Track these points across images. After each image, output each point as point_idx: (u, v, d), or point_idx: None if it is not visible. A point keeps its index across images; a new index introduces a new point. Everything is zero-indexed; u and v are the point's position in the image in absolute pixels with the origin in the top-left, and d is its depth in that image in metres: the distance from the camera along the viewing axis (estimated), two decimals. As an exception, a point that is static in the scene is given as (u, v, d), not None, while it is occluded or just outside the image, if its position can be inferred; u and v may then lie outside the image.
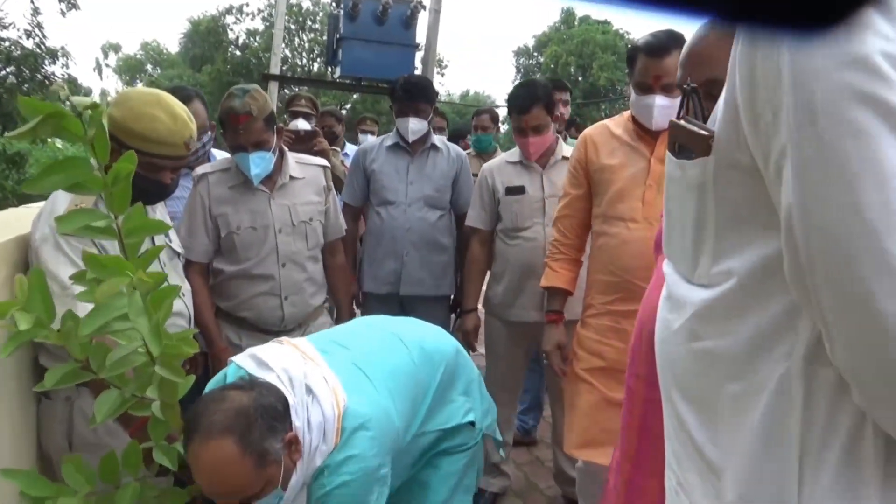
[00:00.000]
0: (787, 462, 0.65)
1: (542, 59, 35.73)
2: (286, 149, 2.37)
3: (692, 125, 0.73)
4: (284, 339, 1.61)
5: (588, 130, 2.14)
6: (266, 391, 1.33)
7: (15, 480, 1.17)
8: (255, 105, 2.11)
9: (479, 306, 2.80)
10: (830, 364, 0.61)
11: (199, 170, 2.30)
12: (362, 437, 1.39)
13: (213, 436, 1.22)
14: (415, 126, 2.81)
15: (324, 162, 2.46)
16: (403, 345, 1.65)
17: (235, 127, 2.12)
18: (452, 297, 2.99)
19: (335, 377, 1.46)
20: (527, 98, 2.47)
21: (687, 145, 0.72)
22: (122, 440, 1.54)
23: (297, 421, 1.34)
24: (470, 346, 2.80)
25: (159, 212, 1.91)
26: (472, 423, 1.72)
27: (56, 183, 1.12)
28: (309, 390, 1.40)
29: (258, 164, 2.15)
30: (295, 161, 2.34)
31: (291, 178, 2.30)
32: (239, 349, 2.03)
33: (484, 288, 2.78)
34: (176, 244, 1.98)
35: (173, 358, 1.23)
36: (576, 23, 34.95)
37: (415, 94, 2.84)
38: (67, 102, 1.12)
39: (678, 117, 0.81)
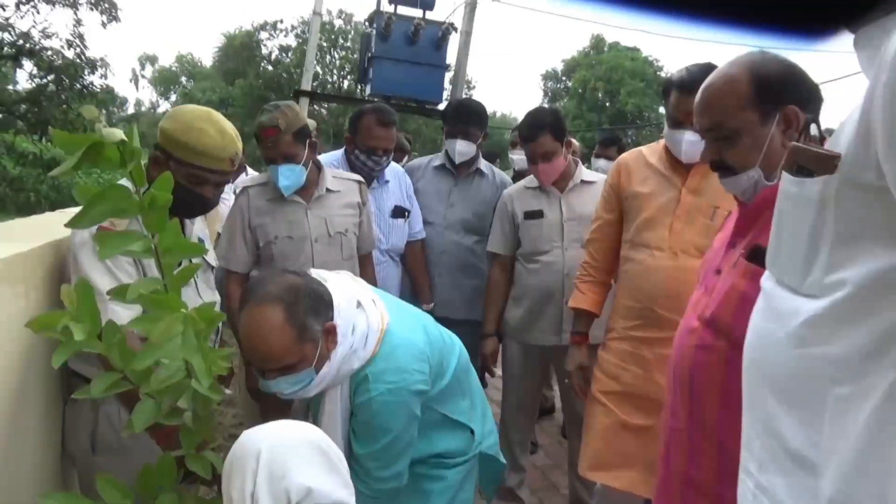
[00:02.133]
0: (893, 462, 0.68)
1: (570, 84, 35.82)
2: (322, 163, 2.44)
3: (816, 148, 0.77)
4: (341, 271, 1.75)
5: (624, 156, 2.16)
6: (317, 284, 1.50)
7: (51, 503, 1.20)
8: (284, 119, 2.20)
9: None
10: None
11: (240, 183, 2.43)
12: (403, 352, 1.54)
13: (264, 302, 1.39)
14: (462, 148, 2.85)
15: (359, 178, 2.52)
16: (432, 322, 1.78)
17: (265, 140, 2.23)
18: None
19: (382, 303, 1.62)
20: (533, 126, 2.52)
21: (809, 165, 0.77)
22: (143, 445, 1.56)
23: (340, 320, 1.48)
24: (488, 371, 2.80)
25: (197, 225, 1.95)
26: (471, 432, 1.76)
27: (100, 215, 1.14)
28: (358, 303, 1.56)
29: (287, 176, 2.23)
30: (332, 175, 2.42)
31: (328, 190, 2.37)
32: None
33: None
34: (211, 257, 2.02)
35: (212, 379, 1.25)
36: (605, 48, 35.03)
37: (465, 117, 2.90)
38: (98, 125, 1.14)
39: (798, 141, 0.86)
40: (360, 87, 9.55)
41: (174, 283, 1.23)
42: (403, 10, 7.46)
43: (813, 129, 1.16)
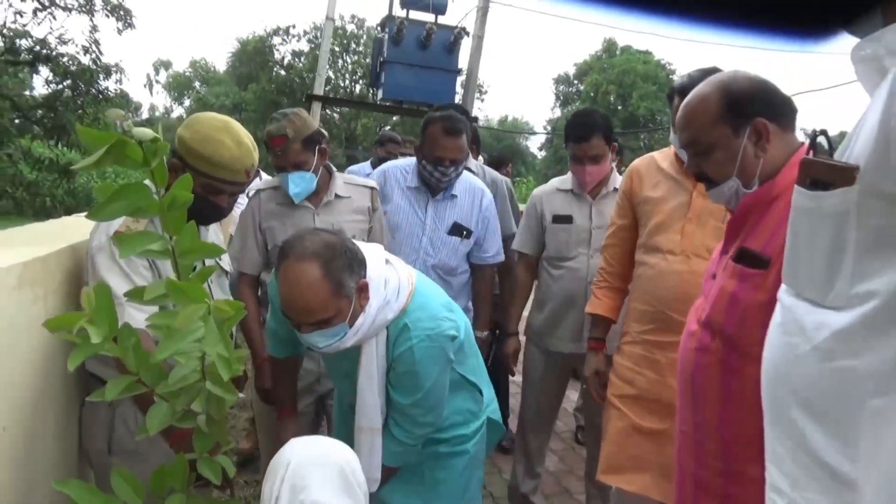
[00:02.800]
0: None
1: (581, 88, 35.76)
2: (334, 169, 2.45)
3: (831, 161, 0.78)
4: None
5: (636, 162, 2.17)
6: (351, 243, 1.57)
7: (68, 491, 1.22)
8: (292, 127, 2.21)
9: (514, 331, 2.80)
10: None
11: (254, 186, 2.42)
12: (433, 302, 1.66)
13: (303, 257, 1.46)
14: None
15: (372, 184, 2.53)
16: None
17: (273, 148, 2.24)
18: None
19: (410, 268, 1.73)
20: (585, 127, 2.47)
21: (825, 178, 0.77)
22: (159, 448, 1.59)
23: (373, 274, 1.57)
24: (508, 370, 2.80)
25: (212, 230, 1.97)
26: (480, 392, 1.86)
27: (119, 210, 1.16)
28: (387, 261, 1.67)
29: (297, 183, 2.25)
30: (343, 181, 2.43)
31: (337, 196, 2.37)
32: None
33: (525, 313, 2.79)
34: (225, 263, 2.04)
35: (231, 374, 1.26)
36: (617, 52, 34.94)
37: None
38: (123, 127, 1.16)
39: (808, 155, 0.87)
40: (371, 91, 9.58)
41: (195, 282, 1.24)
42: (415, 15, 7.47)
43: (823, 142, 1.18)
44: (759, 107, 1.25)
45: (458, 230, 2.58)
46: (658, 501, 1.88)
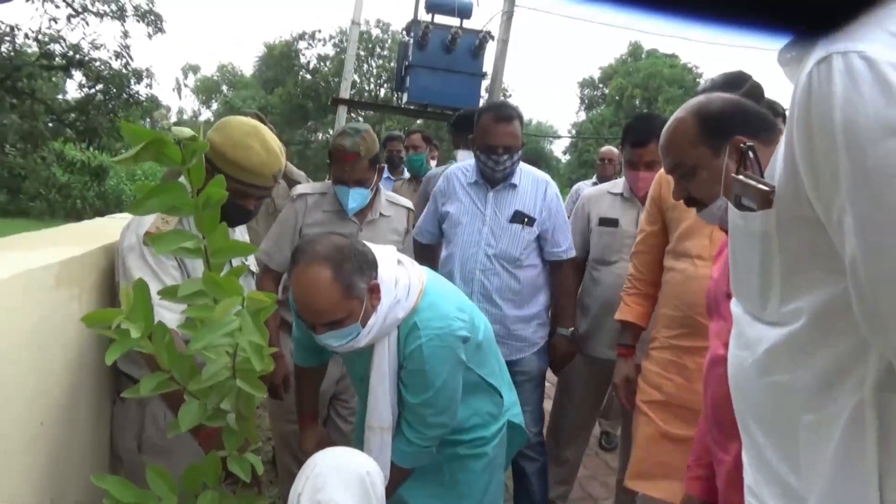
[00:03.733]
0: (867, 485, 0.69)
1: (606, 91, 35.55)
2: (381, 186, 2.48)
3: (752, 180, 0.79)
4: None
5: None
6: (361, 245, 1.62)
7: (105, 486, 1.24)
8: (364, 146, 2.26)
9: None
10: None
11: (299, 189, 2.46)
12: (443, 302, 1.68)
13: (314, 261, 1.50)
14: (465, 157, 2.99)
15: (409, 204, 2.56)
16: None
17: (343, 164, 2.28)
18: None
19: (421, 269, 1.76)
20: (645, 132, 2.44)
21: (747, 200, 0.79)
22: (187, 446, 1.61)
23: (384, 274, 1.61)
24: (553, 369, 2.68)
25: (238, 232, 2.00)
26: (500, 395, 1.86)
27: (155, 206, 1.20)
28: (398, 261, 1.71)
29: (356, 199, 2.30)
30: (386, 199, 2.46)
31: (381, 215, 2.41)
32: None
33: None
34: (251, 264, 2.07)
35: (252, 373, 1.29)
36: (643, 55, 34.70)
37: (467, 128, 2.94)
38: (164, 128, 1.19)
39: (737, 173, 0.88)
40: (396, 95, 9.63)
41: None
42: (441, 19, 7.50)
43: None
44: (735, 125, 1.25)
45: (519, 217, 2.50)
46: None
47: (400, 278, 1.64)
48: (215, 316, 1.16)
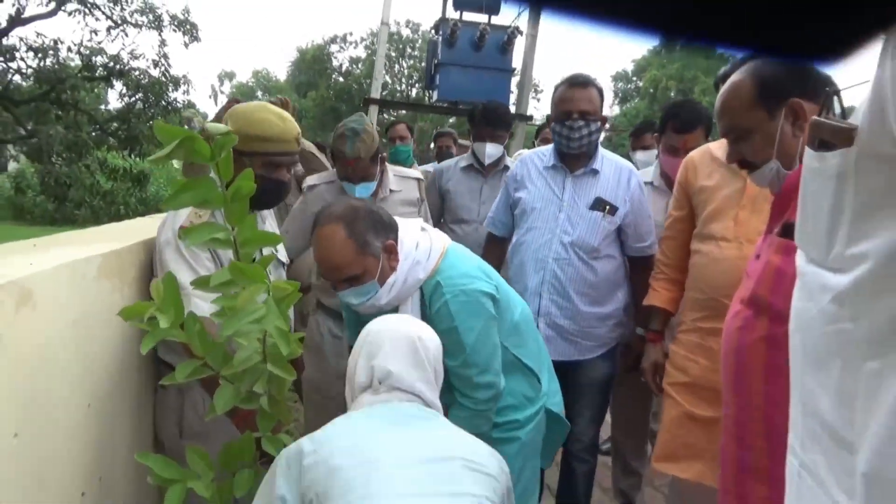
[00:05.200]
0: None
1: (640, 84, 35.07)
2: (387, 165, 2.55)
3: (834, 120, 0.79)
4: None
5: (691, 154, 2.16)
6: (378, 209, 1.73)
7: (148, 463, 1.32)
8: (364, 148, 2.34)
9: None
10: None
11: (310, 180, 2.55)
12: (464, 262, 1.75)
13: (329, 221, 1.64)
14: (491, 150, 3.02)
15: (419, 175, 2.63)
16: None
17: (345, 165, 2.38)
18: None
19: (444, 236, 1.83)
20: (690, 118, 2.42)
21: (829, 139, 0.78)
22: (226, 429, 1.68)
23: (406, 238, 1.71)
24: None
25: (269, 223, 2.07)
26: (538, 380, 1.86)
27: (187, 200, 1.27)
28: (422, 228, 1.80)
29: (362, 193, 2.39)
30: (394, 174, 2.54)
31: (391, 191, 2.49)
32: (339, 340, 2.44)
33: None
34: (282, 254, 2.14)
35: (281, 357, 1.34)
36: (677, 46, 34.10)
37: (493, 121, 3.02)
38: (196, 127, 1.26)
39: (820, 116, 0.87)
40: (427, 94, 9.68)
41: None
42: (469, 16, 7.51)
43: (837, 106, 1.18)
44: (792, 87, 1.26)
45: (600, 205, 2.34)
46: (714, 488, 1.86)
47: (421, 242, 1.73)
48: (240, 303, 1.23)
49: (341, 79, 30.43)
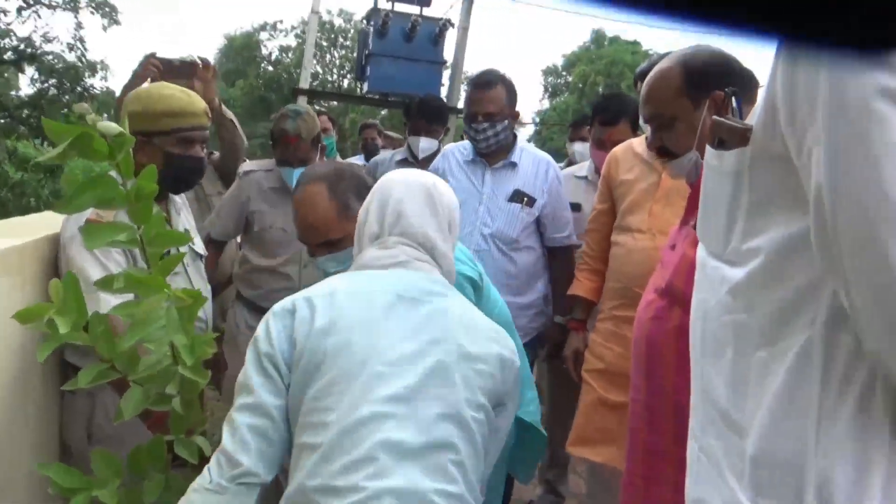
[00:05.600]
0: (806, 419, 0.73)
1: (570, 79, 35.75)
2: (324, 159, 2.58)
3: (731, 121, 0.84)
4: None
5: (615, 149, 2.23)
6: (363, 174, 1.65)
7: (48, 473, 1.24)
8: (305, 127, 2.35)
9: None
10: (848, 331, 0.70)
11: (246, 166, 2.53)
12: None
13: (312, 181, 1.57)
14: (425, 145, 3.02)
15: (360, 161, 2.64)
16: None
17: (286, 146, 2.35)
18: None
19: None
20: (614, 111, 2.47)
21: (727, 138, 0.83)
22: (139, 433, 1.60)
23: None
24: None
25: (183, 215, 1.99)
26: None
27: (86, 202, 1.18)
28: None
29: None
30: None
31: None
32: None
33: None
34: (199, 246, 2.06)
35: (195, 359, 1.29)
36: (606, 43, 34.94)
37: (428, 115, 3.03)
38: (90, 117, 1.17)
39: (720, 116, 0.91)
40: (358, 84, 9.58)
41: (159, 271, 1.26)
42: (401, 7, 7.45)
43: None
44: (718, 80, 1.28)
45: (518, 196, 2.41)
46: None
47: None
48: (140, 316, 1.17)
49: (271, 68, 29.74)
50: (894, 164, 0.62)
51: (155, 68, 2.53)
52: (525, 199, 2.41)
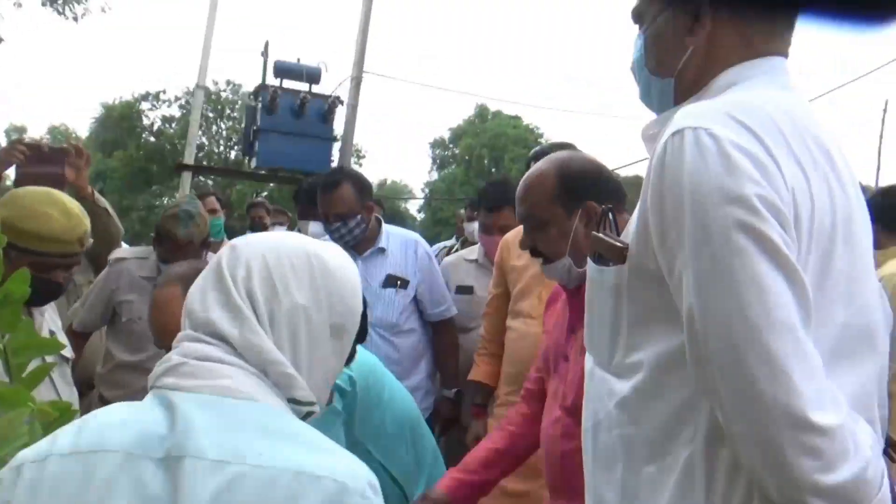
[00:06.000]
0: None
1: (457, 151, 37.07)
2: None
3: (610, 238, 0.88)
4: None
5: (507, 234, 2.30)
6: None
7: None
8: (198, 233, 2.28)
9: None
10: (726, 445, 0.73)
11: (118, 253, 2.41)
12: None
13: (168, 281, 1.45)
14: (315, 229, 2.93)
15: None
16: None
17: (175, 249, 2.25)
18: None
19: None
20: (498, 197, 2.50)
21: (605, 255, 0.86)
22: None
23: None
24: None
25: (48, 315, 1.83)
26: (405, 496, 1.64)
27: None
28: None
29: None
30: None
31: None
32: None
33: None
34: (67, 350, 1.91)
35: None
36: (489, 117, 36.70)
37: (315, 199, 2.96)
38: None
39: (596, 231, 0.96)
40: (246, 159, 9.46)
41: (25, 384, 1.16)
42: (290, 84, 7.52)
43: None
44: (592, 190, 1.32)
45: (392, 281, 2.45)
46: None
47: None
48: (1, 433, 1.07)
49: (153, 138, 28.76)
50: (756, 294, 0.68)
51: (21, 155, 2.30)
52: (399, 282, 2.45)
